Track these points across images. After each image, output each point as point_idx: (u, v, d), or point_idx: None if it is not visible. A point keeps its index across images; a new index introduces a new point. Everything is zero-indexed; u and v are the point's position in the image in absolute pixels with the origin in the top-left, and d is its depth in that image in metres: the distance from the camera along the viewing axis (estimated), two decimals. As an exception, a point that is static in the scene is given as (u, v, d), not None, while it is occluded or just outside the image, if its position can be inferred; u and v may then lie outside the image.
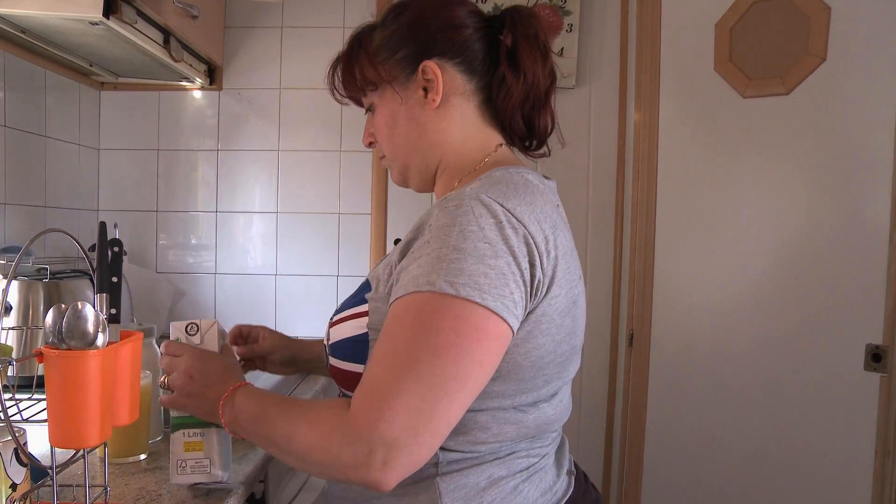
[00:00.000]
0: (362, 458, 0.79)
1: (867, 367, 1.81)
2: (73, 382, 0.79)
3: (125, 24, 1.53)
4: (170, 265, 2.25)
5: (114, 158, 2.24)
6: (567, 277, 0.92)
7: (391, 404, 0.79)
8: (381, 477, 0.79)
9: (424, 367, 0.80)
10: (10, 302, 1.53)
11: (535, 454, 0.99)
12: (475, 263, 0.82)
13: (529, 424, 0.95)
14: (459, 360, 0.81)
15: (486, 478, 0.93)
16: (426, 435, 0.80)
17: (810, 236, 1.90)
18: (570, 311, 0.94)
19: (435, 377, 0.80)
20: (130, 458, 1.22)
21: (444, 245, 0.84)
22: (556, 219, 0.94)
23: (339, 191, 2.21)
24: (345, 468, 0.81)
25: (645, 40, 2.14)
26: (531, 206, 0.89)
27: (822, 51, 1.86)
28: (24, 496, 0.88)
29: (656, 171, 2.12)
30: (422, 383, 0.80)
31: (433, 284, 0.82)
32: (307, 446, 0.85)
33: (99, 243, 0.92)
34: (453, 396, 0.81)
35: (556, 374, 0.96)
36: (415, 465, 0.81)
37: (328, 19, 2.21)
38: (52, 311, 0.82)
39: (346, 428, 0.81)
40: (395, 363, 0.81)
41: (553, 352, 0.93)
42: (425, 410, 0.79)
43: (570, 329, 0.95)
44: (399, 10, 1.05)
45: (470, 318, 0.82)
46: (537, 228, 0.88)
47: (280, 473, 1.52)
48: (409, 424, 0.79)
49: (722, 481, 2.02)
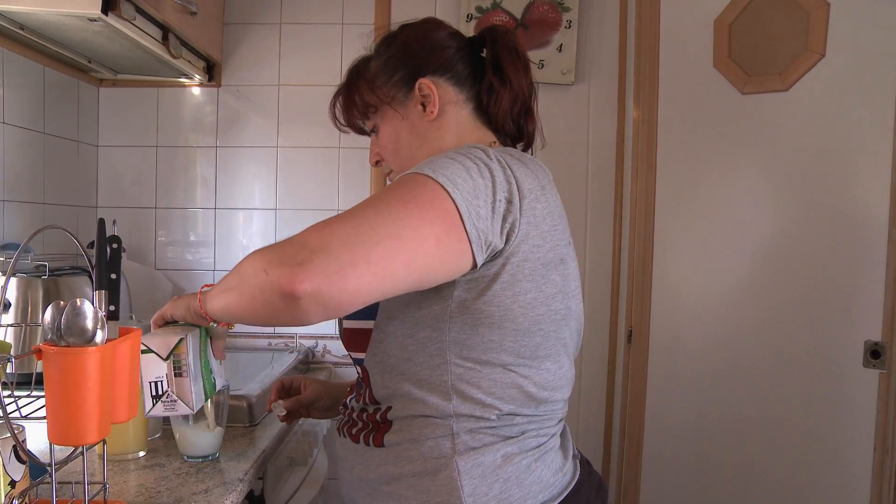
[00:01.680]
0: (288, 258, 0.80)
1: (866, 364, 1.81)
2: (71, 379, 0.79)
3: (124, 20, 1.53)
4: (168, 262, 2.25)
5: (112, 155, 2.23)
6: (552, 234, 0.99)
7: (322, 228, 0.84)
8: (298, 271, 0.78)
9: (367, 212, 0.86)
10: (8, 299, 1.53)
11: (545, 433, 1.05)
12: (459, 169, 0.91)
13: (530, 387, 1.01)
14: (402, 217, 0.85)
15: (501, 456, 0.99)
16: (346, 257, 0.80)
17: (809, 233, 1.90)
18: (557, 268, 1.00)
19: (372, 219, 0.85)
20: (129, 455, 1.22)
21: (438, 156, 0.95)
22: (546, 184, 1.03)
23: (337, 187, 2.21)
24: (272, 277, 0.80)
25: (644, 37, 2.13)
26: (521, 166, 0.98)
27: (821, 47, 1.86)
28: (23, 493, 0.88)
29: (655, 167, 2.12)
30: (358, 220, 0.85)
31: (417, 170, 0.91)
32: (251, 270, 0.85)
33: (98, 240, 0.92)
34: (384, 242, 0.83)
35: (553, 332, 1.01)
36: (336, 278, 0.79)
37: (327, 16, 2.21)
38: (50, 308, 0.82)
39: (279, 245, 0.84)
40: (352, 211, 0.88)
41: (544, 304, 0.99)
42: (351, 242, 0.81)
43: (561, 286, 1.01)
44: (389, 41, 1.18)
45: (431, 194, 0.87)
46: (523, 178, 0.96)
47: (279, 470, 1.53)
48: (334, 243, 0.81)
49: (720, 480, 2.02)
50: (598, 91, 2.22)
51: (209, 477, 1.15)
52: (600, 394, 2.25)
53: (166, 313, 1.09)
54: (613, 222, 2.24)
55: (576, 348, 1.12)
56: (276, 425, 1.47)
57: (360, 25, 2.18)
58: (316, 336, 2.19)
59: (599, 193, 2.24)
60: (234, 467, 1.20)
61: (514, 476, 0.99)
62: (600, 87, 2.22)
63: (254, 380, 1.65)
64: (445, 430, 0.98)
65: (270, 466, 1.42)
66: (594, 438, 2.25)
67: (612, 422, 2.24)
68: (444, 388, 0.97)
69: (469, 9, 2.13)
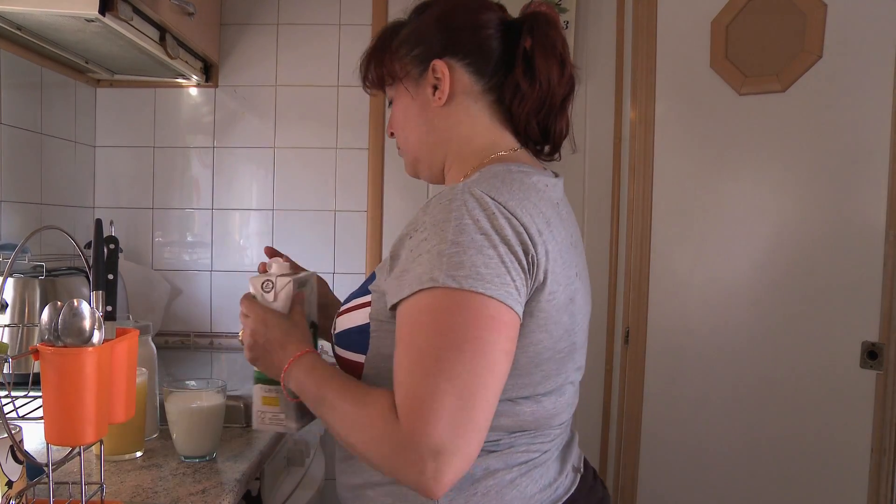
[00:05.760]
0: (416, 468, 0.81)
1: (863, 365, 1.81)
2: (69, 380, 0.79)
3: (121, 21, 1.53)
4: (166, 262, 2.24)
5: (110, 156, 2.23)
6: (564, 273, 0.93)
7: (432, 409, 0.81)
8: (434, 486, 0.81)
9: (454, 366, 0.82)
10: (5, 299, 1.53)
11: (536, 449, 0.99)
12: (475, 255, 0.84)
13: (526, 417, 0.96)
14: (484, 351, 0.83)
15: (482, 469, 0.95)
16: (470, 432, 0.82)
17: (806, 233, 1.90)
18: (566, 308, 0.94)
19: (465, 373, 0.82)
20: (126, 456, 1.22)
21: (441, 241, 0.85)
22: (552, 215, 0.95)
23: (335, 188, 2.21)
24: (401, 476, 0.83)
25: (641, 37, 2.14)
26: (522, 201, 0.91)
27: (818, 48, 1.86)
28: (20, 494, 0.88)
29: (652, 168, 2.12)
30: (455, 382, 0.81)
31: (436, 280, 0.84)
32: (364, 449, 0.87)
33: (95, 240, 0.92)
34: (487, 388, 0.83)
35: (554, 371, 0.97)
36: (465, 463, 0.82)
37: (324, 17, 2.21)
38: (47, 309, 0.82)
39: (395, 437, 0.82)
40: (425, 366, 0.83)
41: (551, 348, 0.94)
42: (464, 408, 0.81)
43: (568, 326, 0.96)
44: (421, 9, 1.09)
45: (480, 309, 0.83)
46: (530, 221, 0.89)
47: (276, 471, 1.53)
48: (452, 426, 0.80)
49: (717, 480, 2.03)
50: (595, 91, 2.22)
51: (206, 477, 1.15)
52: (597, 394, 2.25)
53: (246, 351, 1.08)
54: (610, 222, 2.24)
55: (579, 367, 1.05)
56: (273, 426, 1.47)
57: (357, 26, 2.18)
58: (313, 337, 2.19)
59: (596, 194, 2.24)
60: (232, 468, 1.20)
61: (495, 490, 0.95)
62: (597, 87, 2.23)
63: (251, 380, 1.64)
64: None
65: (268, 467, 1.42)
66: (591, 439, 2.25)
67: (609, 422, 2.24)
68: None
69: (466, 9, 2.13)
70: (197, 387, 1.28)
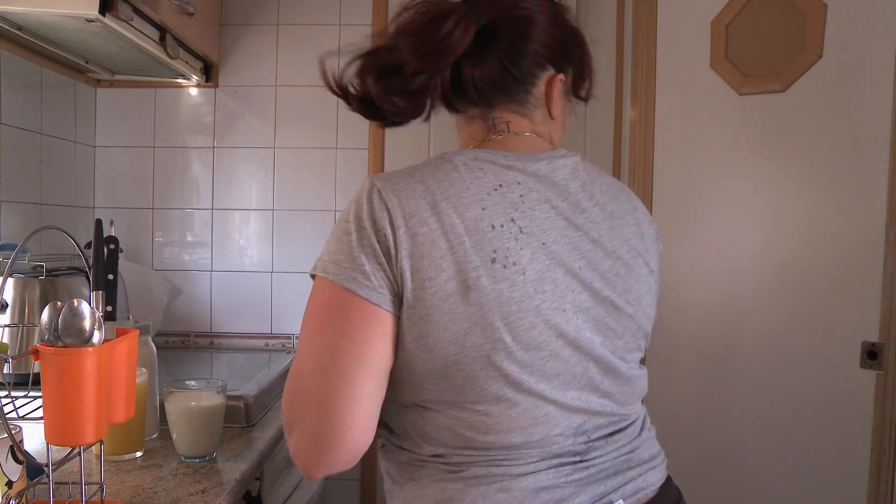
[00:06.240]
0: (294, 450, 0.90)
1: (863, 365, 1.81)
2: (69, 380, 0.79)
3: (121, 21, 1.53)
4: (166, 262, 2.24)
5: (110, 156, 2.23)
6: (450, 258, 0.86)
7: (286, 387, 0.92)
8: (309, 470, 0.89)
9: (302, 346, 0.91)
10: (5, 299, 1.53)
11: (500, 474, 0.91)
12: (335, 242, 0.91)
13: (464, 431, 0.90)
14: (322, 333, 0.89)
15: (439, 489, 0.92)
16: (304, 407, 0.89)
17: (806, 233, 1.90)
18: (465, 297, 0.86)
19: (305, 354, 0.90)
20: (126, 456, 1.22)
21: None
22: (451, 193, 0.90)
23: (334, 188, 2.21)
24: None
25: (641, 37, 2.14)
26: (408, 184, 0.90)
27: (818, 48, 1.86)
28: (21, 494, 0.88)
29: (652, 168, 2.12)
30: (299, 361, 0.91)
31: (313, 267, 0.93)
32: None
33: (95, 240, 0.92)
34: (324, 367, 0.87)
35: (481, 372, 0.88)
36: (303, 437, 0.89)
37: (324, 17, 2.20)
38: (47, 309, 0.82)
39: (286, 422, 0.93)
40: (292, 368, 0.93)
41: (456, 343, 0.86)
42: (296, 389, 0.90)
43: (478, 318, 0.86)
44: None
45: (324, 293, 0.90)
46: (398, 204, 0.88)
47: (276, 471, 1.53)
48: (290, 403, 0.91)
49: (717, 480, 2.03)
50: (595, 91, 2.22)
51: (206, 477, 1.15)
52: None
53: None
54: (611, 223, 2.23)
55: (576, 378, 0.93)
56: (273, 426, 1.47)
57: (358, 27, 2.18)
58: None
59: (597, 194, 2.24)
60: (232, 468, 1.20)
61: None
62: (597, 87, 2.21)
63: (251, 380, 1.64)
64: (395, 456, 0.98)
65: (267, 467, 1.42)
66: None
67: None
68: (381, 423, 0.95)
69: (466, 9, 2.13)
70: (197, 387, 1.28)
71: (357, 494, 2.18)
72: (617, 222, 1.00)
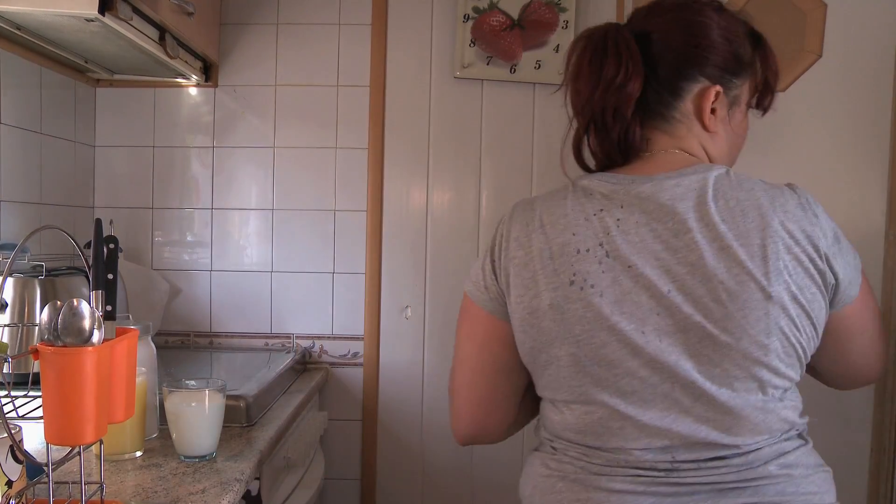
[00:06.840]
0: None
1: (862, 364, 1.81)
2: (68, 379, 0.79)
3: (121, 20, 1.53)
4: (165, 262, 2.24)
5: (109, 155, 2.23)
6: (539, 279, 1.00)
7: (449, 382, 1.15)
8: (456, 438, 1.14)
9: (455, 347, 1.12)
10: (5, 299, 1.53)
11: (581, 467, 1.02)
12: (476, 261, 1.10)
13: (555, 426, 1.05)
14: (458, 335, 1.12)
15: (541, 464, 1.08)
16: (452, 395, 1.13)
17: (806, 233, 1.90)
18: (545, 314, 0.99)
19: (455, 353, 1.12)
20: (126, 455, 1.22)
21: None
22: (547, 218, 1.02)
23: (334, 188, 2.20)
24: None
25: (641, 37, 2.13)
26: (526, 210, 1.05)
27: (817, 47, 1.86)
28: (20, 493, 0.88)
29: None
30: (454, 358, 1.13)
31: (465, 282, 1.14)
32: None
33: (94, 240, 0.92)
34: (462, 363, 1.11)
35: (566, 379, 1.01)
36: (454, 420, 1.13)
37: (324, 16, 2.20)
38: (47, 308, 0.82)
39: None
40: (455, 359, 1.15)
41: (544, 352, 1.01)
42: (451, 378, 1.14)
43: (556, 334, 0.99)
44: None
45: (465, 305, 1.11)
46: (508, 228, 1.05)
47: (276, 471, 1.53)
48: (451, 390, 1.14)
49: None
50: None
51: (206, 477, 1.15)
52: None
53: None
54: (610, 222, 2.23)
55: (657, 398, 0.95)
56: (273, 425, 1.47)
57: (357, 26, 2.18)
58: (312, 336, 2.19)
59: (596, 194, 2.23)
60: (232, 467, 1.20)
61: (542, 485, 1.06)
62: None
63: (251, 380, 1.65)
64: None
65: (267, 467, 1.42)
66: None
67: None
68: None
69: (466, 9, 2.13)
70: (197, 387, 1.28)
71: (357, 494, 2.18)
72: (729, 244, 0.95)
